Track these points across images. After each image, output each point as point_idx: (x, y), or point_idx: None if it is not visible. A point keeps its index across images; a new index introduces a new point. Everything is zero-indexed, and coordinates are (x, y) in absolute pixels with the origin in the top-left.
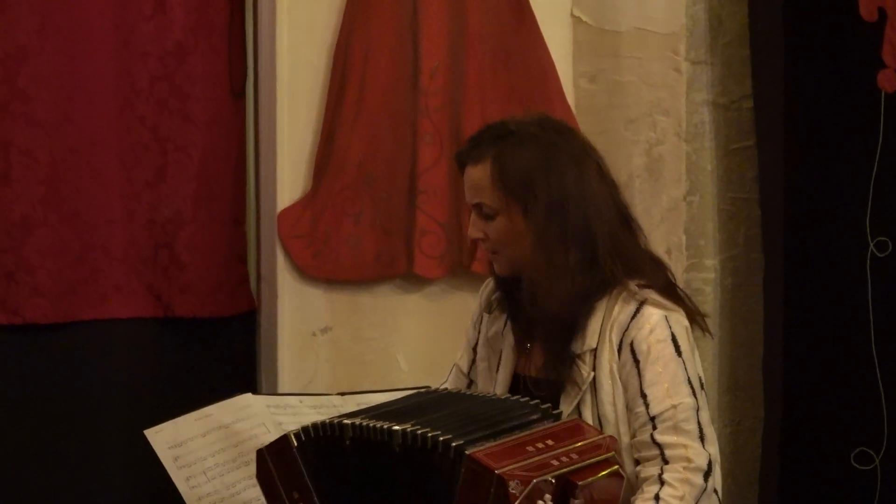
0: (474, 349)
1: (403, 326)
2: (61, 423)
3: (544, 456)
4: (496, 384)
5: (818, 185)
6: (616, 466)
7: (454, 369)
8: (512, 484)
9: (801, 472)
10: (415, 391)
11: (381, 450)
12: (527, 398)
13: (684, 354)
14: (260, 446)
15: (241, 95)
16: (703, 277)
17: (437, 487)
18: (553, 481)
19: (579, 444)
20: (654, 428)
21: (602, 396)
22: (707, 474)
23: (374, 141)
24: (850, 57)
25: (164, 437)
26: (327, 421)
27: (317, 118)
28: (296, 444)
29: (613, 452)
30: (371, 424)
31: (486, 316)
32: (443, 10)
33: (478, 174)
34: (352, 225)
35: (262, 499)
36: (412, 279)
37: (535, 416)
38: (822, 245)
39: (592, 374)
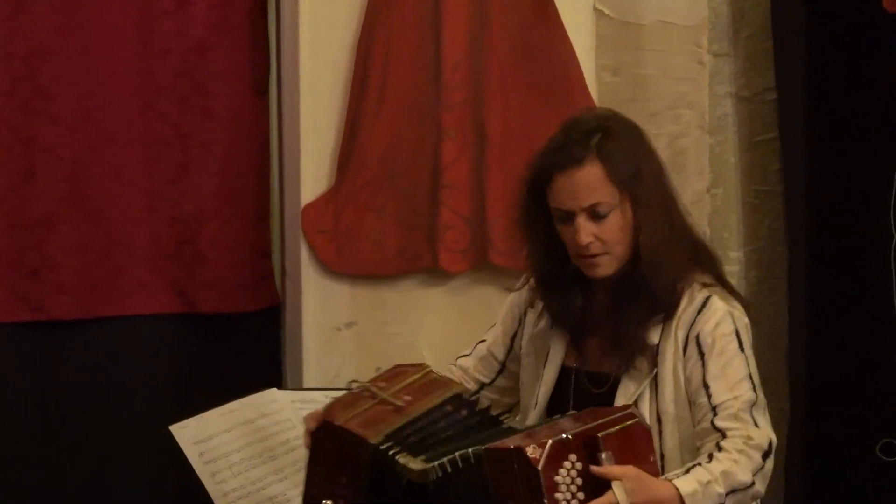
0: (513, 339)
1: (427, 321)
2: (86, 420)
3: (556, 429)
4: (542, 380)
5: (841, 177)
6: (637, 419)
7: (482, 350)
8: (529, 449)
9: (826, 463)
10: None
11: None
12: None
13: (746, 351)
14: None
15: (263, 93)
16: (728, 270)
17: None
18: (570, 438)
19: (592, 416)
20: (715, 415)
21: (664, 393)
22: (766, 454)
23: (397, 136)
24: (873, 48)
25: (189, 433)
26: (401, 460)
27: (339, 114)
28: (373, 443)
29: (631, 409)
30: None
31: (530, 311)
32: (464, 5)
33: (587, 175)
34: (375, 220)
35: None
36: (436, 274)
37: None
38: (845, 237)
39: (656, 370)
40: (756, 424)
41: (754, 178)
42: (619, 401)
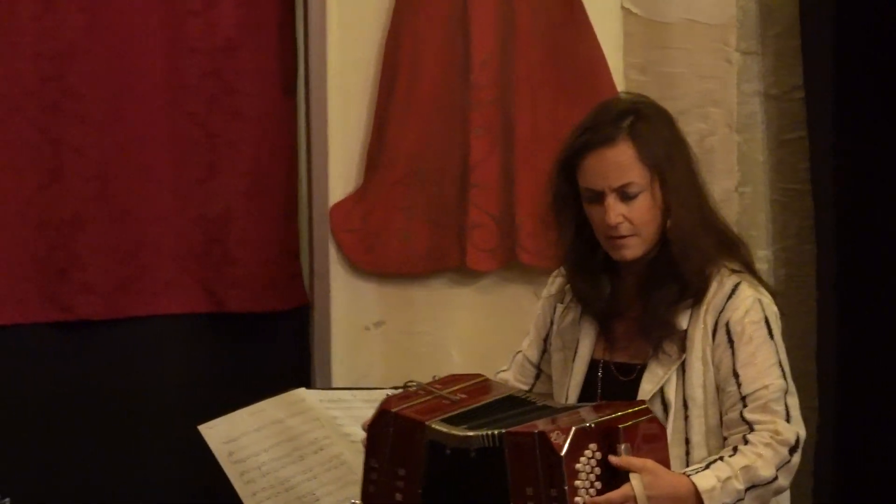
0: (545, 340)
1: (456, 320)
2: (114, 420)
3: (578, 418)
4: (572, 374)
5: (869, 175)
6: (652, 414)
7: (519, 358)
8: (553, 435)
9: (855, 461)
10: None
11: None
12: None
13: (776, 338)
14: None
15: (291, 92)
16: (756, 268)
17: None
18: (593, 427)
19: (610, 407)
20: (745, 406)
21: (692, 378)
22: (793, 449)
23: (425, 135)
24: None
25: (218, 433)
26: (443, 430)
27: (367, 113)
28: (427, 438)
29: (645, 405)
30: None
31: (559, 306)
32: (492, 4)
33: (620, 154)
34: (403, 219)
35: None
36: (464, 272)
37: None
38: (874, 235)
39: (684, 355)
40: (788, 414)
41: (783, 177)
42: (646, 386)
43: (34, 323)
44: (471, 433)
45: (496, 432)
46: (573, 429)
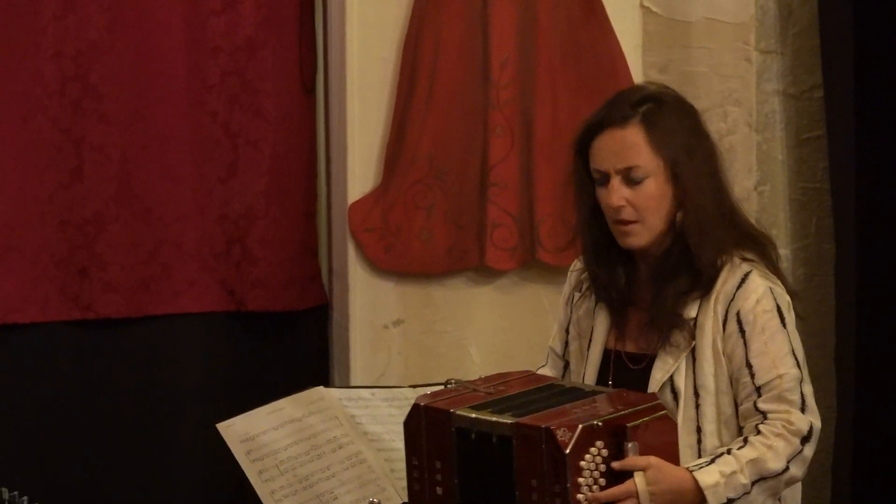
0: (566, 330)
1: (475, 319)
2: (135, 418)
3: (589, 411)
4: (587, 362)
5: (889, 173)
6: (665, 411)
7: (550, 353)
8: (560, 432)
9: (873, 461)
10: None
11: (486, 442)
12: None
13: (788, 327)
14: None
15: (311, 90)
16: (780, 266)
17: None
18: (601, 424)
19: (622, 400)
20: (759, 396)
21: (703, 366)
22: (805, 440)
23: (445, 134)
24: None
25: (236, 431)
26: (484, 418)
27: (387, 112)
28: (455, 427)
29: (659, 401)
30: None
31: (576, 295)
32: (512, 2)
33: (630, 135)
34: (424, 218)
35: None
36: (484, 271)
37: (588, 394)
38: (893, 234)
39: (694, 343)
40: (804, 403)
41: (802, 176)
42: (656, 375)
43: (55, 321)
44: (487, 416)
45: (510, 421)
46: (579, 427)
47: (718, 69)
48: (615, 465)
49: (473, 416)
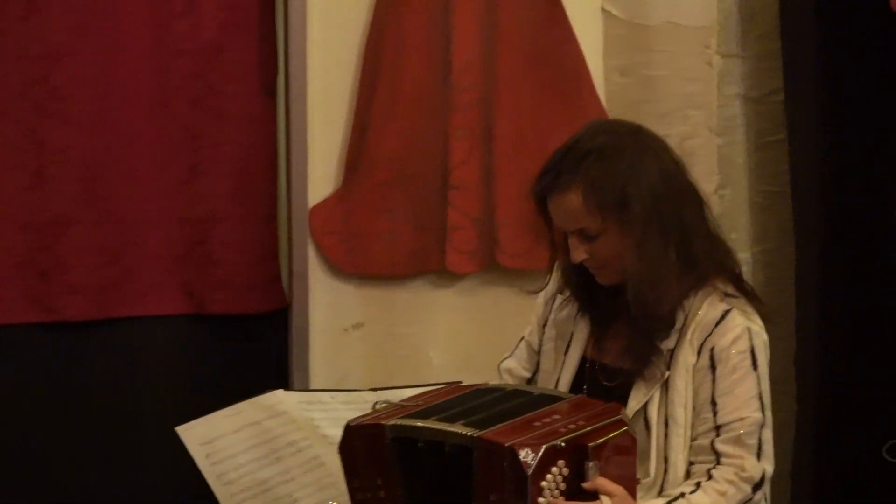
0: (544, 327)
1: (436, 322)
2: (97, 420)
3: (552, 427)
4: (563, 367)
5: (851, 177)
6: (626, 427)
7: (523, 345)
8: (523, 452)
9: (833, 465)
10: (447, 386)
11: (437, 451)
12: (559, 392)
13: (760, 369)
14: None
15: (272, 93)
16: (745, 281)
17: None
18: (564, 445)
19: (585, 413)
20: (718, 436)
21: (674, 397)
22: (757, 487)
23: (406, 137)
24: (882, 49)
25: (195, 434)
26: (419, 424)
27: (348, 115)
28: (389, 437)
29: (621, 416)
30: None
31: (559, 297)
32: (474, 6)
33: (570, 203)
34: (385, 221)
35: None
36: (445, 275)
37: (542, 403)
38: (854, 238)
39: (668, 373)
40: (760, 449)
41: (763, 179)
42: (632, 403)
43: (18, 324)
44: (436, 425)
45: (469, 433)
46: (543, 447)
47: (680, 73)
48: (586, 485)
49: (419, 424)
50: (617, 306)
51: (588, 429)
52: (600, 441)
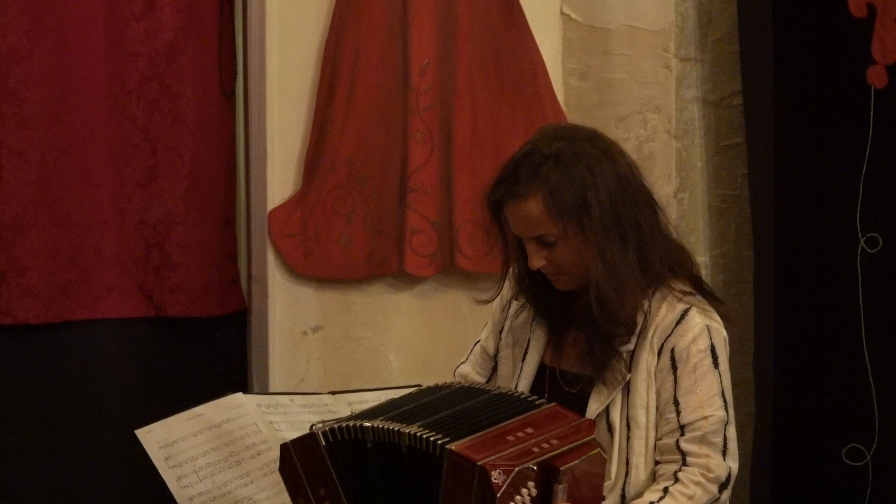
0: (500, 332)
1: (394, 325)
2: (53, 424)
3: (525, 444)
4: (521, 374)
5: (808, 181)
6: (597, 450)
7: (477, 349)
8: (494, 474)
9: (792, 468)
10: (410, 389)
11: (393, 451)
12: (521, 392)
13: (721, 367)
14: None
15: (231, 95)
16: (704, 281)
17: (435, 485)
18: (535, 468)
19: (559, 429)
20: (682, 435)
21: (635, 400)
22: (723, 486)
23: (365, 140)
24: (840, 53)
25: (155, 437)
26: (351, 424)
27: (307, 117)
28: (324, 443)
29: (594, 436)
30: (387, 427)
31: (514, 303)
32: (432, 9)
33: (530, 210)
34: (343, 224)
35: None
36: (403, 278)
37: (516, 408)
38: (812, 241)
39: (629, 376)
40: (725, 446)
41: (721, 183)
42: (593, 405)
43: None
44: (390, 426)
45: (440, 440)
46: (515, 470)
47: (638, 76)
48: None
49: (366, 425)
50: (572, 311)
51: (561, 450)
52: (571, 464)
